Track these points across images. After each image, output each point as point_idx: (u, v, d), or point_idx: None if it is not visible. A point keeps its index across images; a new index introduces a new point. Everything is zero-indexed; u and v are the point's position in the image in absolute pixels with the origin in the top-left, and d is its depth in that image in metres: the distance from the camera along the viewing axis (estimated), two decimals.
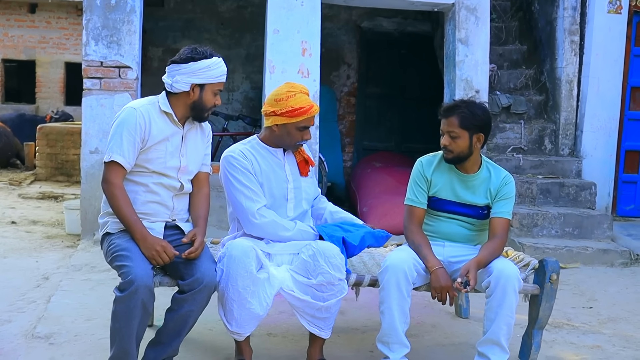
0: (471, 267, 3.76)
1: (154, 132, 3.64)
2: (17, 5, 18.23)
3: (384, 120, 11.22)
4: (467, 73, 7.64)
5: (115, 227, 3.65)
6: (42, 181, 11.75)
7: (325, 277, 3.70)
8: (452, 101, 4.17)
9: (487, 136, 4.04)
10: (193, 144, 3.82)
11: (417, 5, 7.86)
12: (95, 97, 6.90)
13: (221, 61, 3.72)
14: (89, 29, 6.93)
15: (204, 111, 3.74)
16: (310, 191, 4.12)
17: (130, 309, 3.35)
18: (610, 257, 7.03)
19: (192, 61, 3.61)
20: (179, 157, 3.74)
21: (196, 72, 3.61)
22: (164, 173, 3.70)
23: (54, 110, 17.09)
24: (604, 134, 8.30)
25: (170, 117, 3.70)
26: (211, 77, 3.66)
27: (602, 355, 4.48)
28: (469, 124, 3.93)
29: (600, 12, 8.20)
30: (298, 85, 3.93)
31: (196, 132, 3.86)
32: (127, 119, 3.60)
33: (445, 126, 3.99)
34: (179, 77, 3.62)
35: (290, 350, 4.27)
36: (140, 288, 3.32)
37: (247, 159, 3.90)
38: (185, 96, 3.68)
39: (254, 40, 10.43)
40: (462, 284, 3.70)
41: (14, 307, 4.88)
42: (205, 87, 3.67)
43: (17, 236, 7.28)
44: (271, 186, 3.95)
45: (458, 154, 3.99)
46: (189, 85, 3.64)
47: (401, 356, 3.83)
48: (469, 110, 3.95)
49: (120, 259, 3.48)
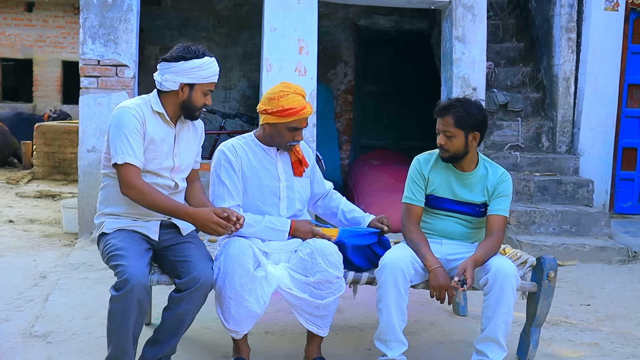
0: (468, 266, 3.76)
1: (149, 130, 3.60)
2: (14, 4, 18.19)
3: (381, 118, 11.23)
4: (464, 71, 7.64)
5: (111, 226, 3.64)
6: (39, 180, 11.75)
7: (324, 275, 3.70)
8: (447, 100, 4.15)
9: (483, 134, 4.03)
10: (186, 143, 3.78)
11: (414, 3, 7.86)
12: (92, 96, 6.89)
13: (213, 61, 3.66)
14: (86, 28, 6.92)
15: (194, 111, 3.69)
16: (303, 192, 4.07)
17: (126, 308, 3.33)
18: (607, 254, 7.04)
19: (183, 60, 3.55)
20: (172, 158, 3.70)
21: (186, 71, 3.56)
22: (158, 173, 3.66)
23: (51, 109, 17.08)
24: (602, 131, 8.32)
25: (162, 117, 3.65)
26: (201, 77, 3.60)
27: (600, 352, 4.48)
28: (464, 123, 3.93)
29: (597, 10, 8.21)
30: (293, 86, 3.90)
31: (188, 130, 3.81)
32: (123, 119, 3.54)
33: (440, 125, 3.98)
34: (169, 76, 3.57)
35: (288, 349, 4.27)
36: (135, 287, 3.30)
37: (237, 155, 3.91)
38: (174, 95, 3.63)
39: (251, 38, 10.42)
40: (459, 283, 3.70)
41: (12, 306, 4.87)
42: (194, 87, 3.62)
43: (15, 235, 7.27)
44: (261, 184, 3.94)
45: (454, 153, 3.98)
46: (178, 85, 3.59)
47: (399, 354, 3.83)
48: (464, 109, 3.94)
49: (116, 259, 3.46)
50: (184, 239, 3.75)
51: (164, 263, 3.74)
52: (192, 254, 3.65)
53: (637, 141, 8.71)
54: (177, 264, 3.64)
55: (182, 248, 3.68)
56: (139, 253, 3.50)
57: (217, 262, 3.68)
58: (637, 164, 8.73)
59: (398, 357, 3.83)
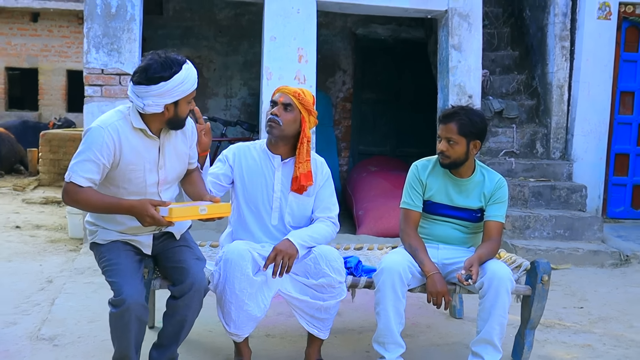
0: (474, 262, 3.79)
1: (126, 151, 3.34)
2: (19, 14, 18.24)
3: (379, 125, 11.23)
4: (460, 78, 7.65)
5: (104, 237, 3.54)
6: (45, 186, 11.75)
7: (327, 279, 3.72)
8: (451, 107, 4.15)
9: (482, 143, 4.06)
10: (173, 152, 3.53)
11: (411, 12, 7.88)
12: (96, 104, 6.90)
13: (191, 67, 3.37)
14: (90, 37, 6.94)
15: (181, 122, 3.45)
16: (297, 208, 3.96)
17: (125, 324, 3.32)
18: (600, 258, 7.05)
19: (163, 81, 3.23)
20: (156, 172, 3.47)
21: (169, 91, 3.27)
22: (145, 192, 3.44)
23: (56, 117, 17.11)
24: (595, 137, 8.33)
25: (144, 132, 3.40)
26: (184, 91, 3.33)
27: (593, 354, 4.49)
28: (467, 130, 3.95)
29: (590, 19, 8.23)
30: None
31: (176, 137, 3.54)
32: (94, 140, 3.28)
33: (443, 132, 4.00)
34: (151, 101, 3.27)
35: (289, 351, 4.28)
36: (132, 306, 3.27)
37: (237, 155, 3.97)
38: (159, 115, 3.36)
39: (252, 47, 10.44)
40: (464, 277, 3.72)
41: (19, 310, 4.88)
42: (179, 102, 3.35)
43: (22, 240, 7.28)
44: (254, 188, 3.95)
45: (455, 160, 4.00)
46: (163, 107, 3.31)
47: (397, 356, 3.84)
48: (468, 117, 3.96)
49: (111, 274, 3.40)
50: (177, 243, 3.70)
51: (159, 268, 3.75)
52: (183, 259, 3.61)
53: (629, 147, 8.72)
54: (170, 270, 3.63)
55: (174, 253, 3.65)
56: (133, 269, 3.45)
57: (217, 267, 3.69)
58: (629, 170, 8.75)
59: (396, 359, 3.85)
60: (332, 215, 4.01)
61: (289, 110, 3.88)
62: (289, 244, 3.72)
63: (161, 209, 3.24)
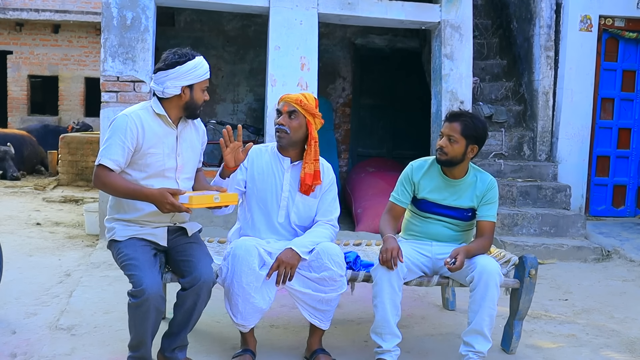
0: (460, 252, 3.80)
1: (148, 136, 3.52)
2: (42, 26, 18.25)
3: (377, 128, 11.21)
4: (452, 85, 7.63)
5: (122, 234, 3.57)
6: (64, 186, 11.73)
7: (329, 273, 3.69)
8: (459, 110, 4.21)
9: (479, 149, 4.04)
10: (188, 143, 3.69)
11: (407, 24, 7.86)
12: (112, 109, 6.88)
13: (202, 59, 3.61)
14: (106, 47, 6.93)
15: (196, 109, 3.62)
16: (303, 209, 3.94)
17: (144, 313, 3.34)
18: (583, 253, 7.03)
19: (179, 65, 3.50)
20: (175, 158, 3.61)
21: (184, 74, 3.50)
22: (163, 174, 3.57)
23: (74, 121, 17.10)
24: (578, 140, 8.33)
25: (164, 119, 3.58)
26: (198, 76, 3.54)
27: (577, 343, 4.47)
28: (469, 133, 3.93)
29: (572, 30, 8.24)
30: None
31: (190, 130, 3.72)
32: (119, 126, 3.49)
33: (447, 129, 3.98)
34: (169, 83, 3.51)
35: (292, 341, 4.26)
36: (151, 297, 3.29)
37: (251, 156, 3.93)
38: (177, 99, 3.56)
39: (257, 56, 10.42)
40: (450, 263, 3.74)
41: (39, 301, 4.87)
42: (194, 87, 3.56)
43: (42, 236, 7.26)
44: (264, 188, 3.93)
45: (451, 158, 3.97)
46: (180, 88, 3.53)
47: (393, 345, 3.82)
48: (472, 121, 3.96)
49: (130, 268, 3.42)
50: (188, 240, 3.72)
51: (170, 262, 3.74)
52: (193, 253, 3.63)
53: (610, 150, 8.70)
54: (180, 263, 3.63)
55: (185, 248, 3.67)
56: (151, 263, 3.47)
57: (225, 262, 3.68)
58: (610, 171, 8.73)
59: (392, 349, 3.83)
60: (332, 218, 3.99)
61: (293, 117, 3.87)
62: (291, 254, 3.69)
63: (181, 197, 3.37)
